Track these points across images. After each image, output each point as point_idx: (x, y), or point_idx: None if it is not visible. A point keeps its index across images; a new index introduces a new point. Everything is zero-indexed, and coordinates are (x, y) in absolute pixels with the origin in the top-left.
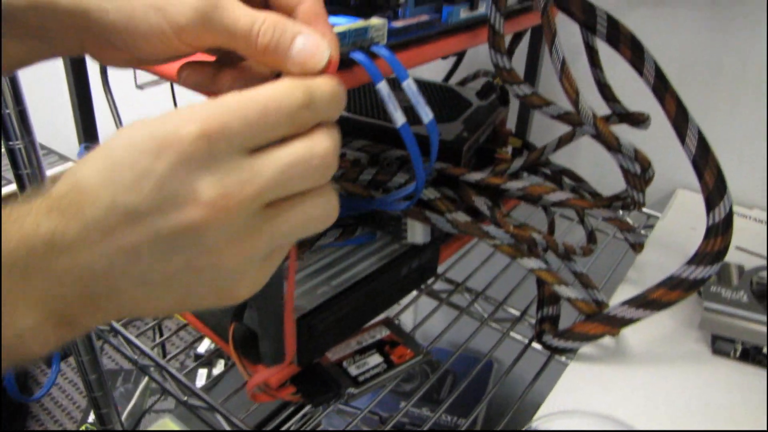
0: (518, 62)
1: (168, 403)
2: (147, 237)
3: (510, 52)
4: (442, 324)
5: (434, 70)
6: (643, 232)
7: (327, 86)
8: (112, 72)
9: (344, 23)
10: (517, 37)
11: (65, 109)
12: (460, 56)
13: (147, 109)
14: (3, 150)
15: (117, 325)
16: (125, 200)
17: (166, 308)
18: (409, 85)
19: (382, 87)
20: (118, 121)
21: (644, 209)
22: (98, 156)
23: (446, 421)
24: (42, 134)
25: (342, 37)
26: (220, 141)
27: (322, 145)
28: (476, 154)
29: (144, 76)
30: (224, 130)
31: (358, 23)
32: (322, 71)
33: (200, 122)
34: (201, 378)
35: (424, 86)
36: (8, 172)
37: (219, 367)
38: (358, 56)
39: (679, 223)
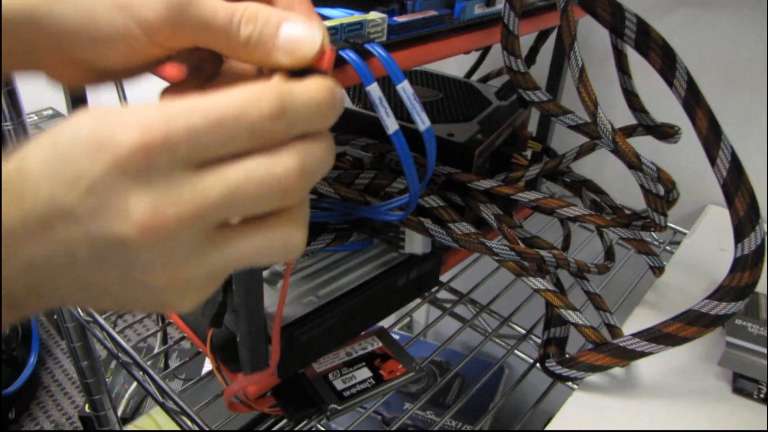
0: (544, 61)
1: (176, 384)
2: (81, 240)
3: (534, 50)
4: (453, 325)
5: (457, 64)
6: (668, 248)
7: (310, 92)
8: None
9: (339, 16)
10: (543, 35)
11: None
12: (485, 51)
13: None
14: None
15: (99, 318)
16: (63, 198)
17: (109, 307)
18: (404, 89)
19: (372, 90)
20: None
21: (671, 224)
22: (46, 143)
23: (451, 426)
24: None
25: (333, 32)
26: (161, 153)
27: (283, 164)
28: (492, 157)
29: None
30: (167, 142)
31: (353, 17)
32: (317, 65)
33: (141, 129)
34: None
35: (442, 81)
36: None
37: (207, 366)
38: (348, 54)
39: (707, 242)
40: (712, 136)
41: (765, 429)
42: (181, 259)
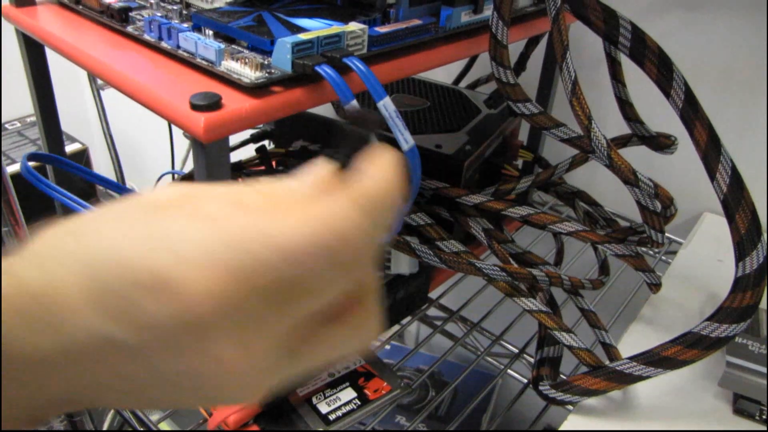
0: (536, 66)
1: None
2: (145, 369)
3: (525, 56)
4: (445, 339)
5: (445, 70)
6: (664, 258)
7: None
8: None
9: (318, 28)
10: (534, 41)
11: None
12: (473, 56)
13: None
14: None
15: None
16: (116, 333)
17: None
18: (385, 106)
19: (351, 107)
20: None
21: (667, 234)
22: (83, 271)
23: None
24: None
25: (309, 46)
26: (243, 303)
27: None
28: (482, 168)
29: None
30: (251, 289)
31: (331, 29)
32: None
33: (217, 276)
34: None
35: (429, 88)
36: None
37: None
38: (325, 70)
39: (704, 252)
40: (711, 150)
41: None
42: (259, 375)
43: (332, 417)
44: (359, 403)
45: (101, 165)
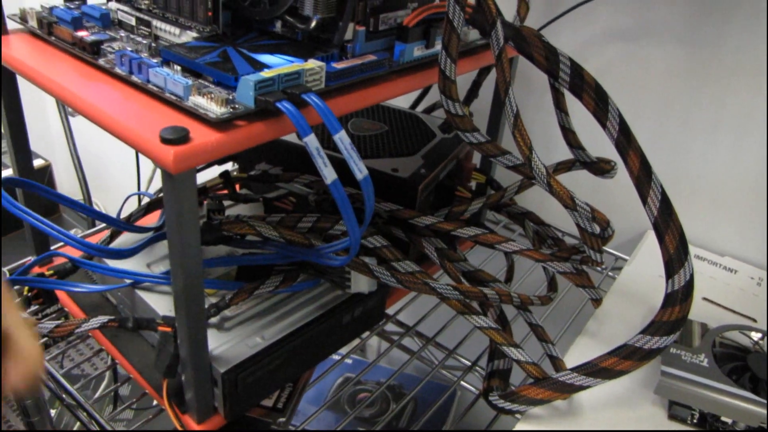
0: (488, 93)
1: (127, 414)
2: None
3: (477, 84)
4: (401, 353)
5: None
6: (610, 273)
7: None
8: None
9: (279, 65)
10: (485, 70)
11: None
12: None
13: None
14: None
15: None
16: None
17: None
18: (341, 139)
19: (310, 141)
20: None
21: (612, 251)
22: None
23: None
24: None
25: (270, 83)
26: None
27: None
28: (436, 190)
29: None
30: None
31: (291, 66)
32: None
33: None
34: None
35: (387, 113)
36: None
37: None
38: (285, 106)
39: (646, 268)
40: (643, 176)
41: None
42: None
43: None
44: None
45: (63, 182)
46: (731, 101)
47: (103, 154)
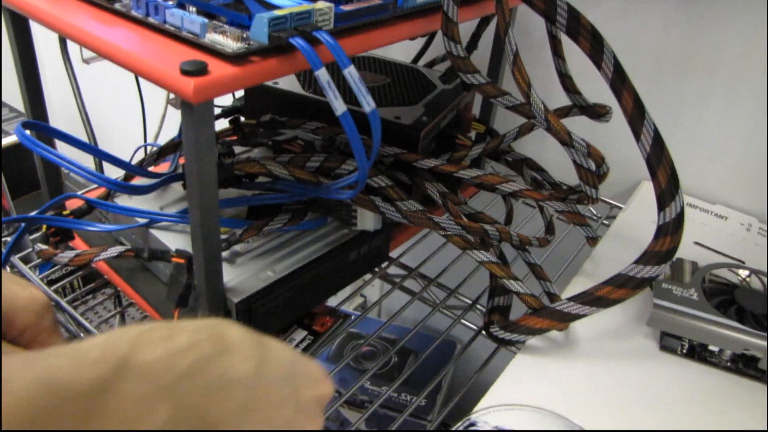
0: (487, 46)
1: None
2: None
3: (477, 36)
4: (405, 301)
5: (404, 50)
6: (605, 222)
7: None
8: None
9: (289, 5)
10: (484, 21)
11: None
12: (430, 37)
13: (93, 83)
14: None
15: (62, 302)
16: None
17: None
18: (350, 73)
19: (321, 74)
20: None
21: (608, 200)
22: None
23: (405, 400)
24: None
25: (283, 21)
26: None
27: None
28: (437, 138)
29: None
30: None
31: (302, 6)
32: None
33: None
34: None
35: (389, 66)
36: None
37: None
38: (298, 42)
39: (641, 215)
40: (636, 115)
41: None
42: None
43: None
44: (312, 338)
45: (64, 146)
46: (725, 52)
47: (108, 112)
